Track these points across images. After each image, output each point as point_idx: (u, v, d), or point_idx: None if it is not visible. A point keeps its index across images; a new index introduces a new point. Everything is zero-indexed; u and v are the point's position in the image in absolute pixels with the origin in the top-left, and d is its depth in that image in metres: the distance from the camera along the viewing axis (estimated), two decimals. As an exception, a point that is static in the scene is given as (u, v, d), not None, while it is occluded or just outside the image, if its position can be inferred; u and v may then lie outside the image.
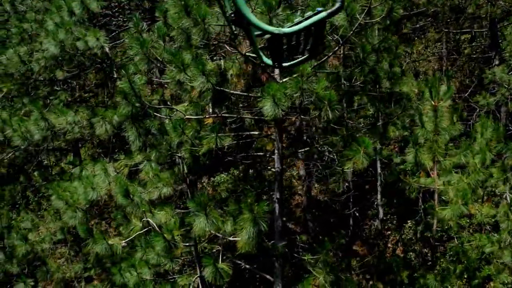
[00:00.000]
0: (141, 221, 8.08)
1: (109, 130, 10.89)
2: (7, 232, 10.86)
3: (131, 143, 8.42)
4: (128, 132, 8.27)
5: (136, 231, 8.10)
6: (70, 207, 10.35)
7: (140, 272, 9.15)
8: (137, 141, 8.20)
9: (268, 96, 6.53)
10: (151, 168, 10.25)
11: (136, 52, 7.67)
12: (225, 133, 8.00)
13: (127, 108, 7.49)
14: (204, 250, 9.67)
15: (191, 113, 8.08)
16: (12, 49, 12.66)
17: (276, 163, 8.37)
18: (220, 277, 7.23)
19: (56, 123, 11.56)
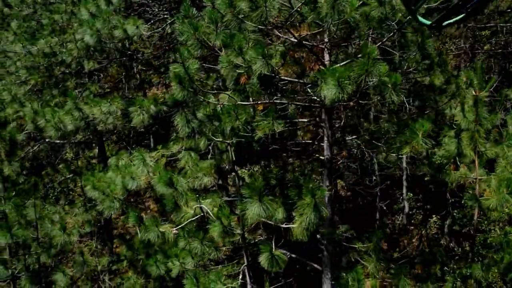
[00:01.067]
0: (192, 208, 7.86)
1: (145, 120, 10.72)
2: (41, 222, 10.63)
3: (179, 129, 8.18)
4: (177, 118, 8.04)
5: (187, 218, 7.88)
6: (108, 197, 10.17)
7: (183, 262, 8.94)
8: (185, 128, 7.97)
9: (333, 79, 6.33)
10: (190, 157, 10.09)
11: (188, 37, 7.46)
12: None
13: (182, 93, 7.27)
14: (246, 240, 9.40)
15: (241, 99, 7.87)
16: (43, 39, 12.47)
17: (325, 151, 8.16)
18: (277, 263, 7.03)
19: (90, 113, 11.37)
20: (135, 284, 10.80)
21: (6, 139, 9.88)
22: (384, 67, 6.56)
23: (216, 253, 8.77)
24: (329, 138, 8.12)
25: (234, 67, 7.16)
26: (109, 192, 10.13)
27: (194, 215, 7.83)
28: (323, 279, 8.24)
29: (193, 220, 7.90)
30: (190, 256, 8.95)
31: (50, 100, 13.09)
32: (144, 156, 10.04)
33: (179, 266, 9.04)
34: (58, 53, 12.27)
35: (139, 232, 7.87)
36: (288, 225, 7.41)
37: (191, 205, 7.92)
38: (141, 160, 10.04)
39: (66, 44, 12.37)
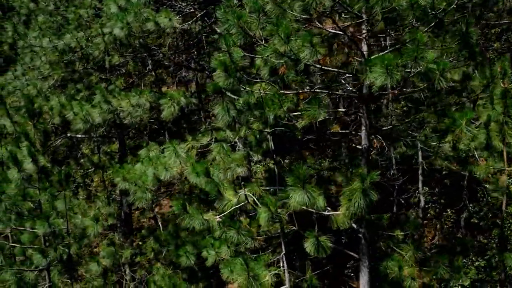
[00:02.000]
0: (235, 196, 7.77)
1: (175, 112, 10.64)
2: (70, 214, 10.52)
3: (219, 118, 8.09)
4: (218, 107, 7.95)
5: (230, 206, 7.79)
6: (140, 188, 10.09)
7: (219, 252, 8.86)
8: (226, 117, 7.88)
9: (381, 66, 6.28)
10: (222, 148, 10.01)
11: (230, 26, 7.39)
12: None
13: (227, 81, 7.19)
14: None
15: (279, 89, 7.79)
16: (69, 34, 12.36)
17: (363, 140, 8.10)
18: (322, 249, 6.96)
19: (118, 106, 11.29)
20: (164, 276, 10.68)
21: (40, 131, 9.78)
22: (431, 54, 6.51)
23: (253, 242, 8.70)
24: (367, 127, 8.06)
25: (279, 55, 7.09)
26: (141, 183, 10.07)
27: (238, 203, 7.74)
28: (360, 267, 8.17)
29: (236, 207, 7.81)
30: (226, 246, 8.89)
31: (75, 94, 12.99)
32: (176, 148, 9.97)
33: (215, 255, 8.96)
34: (84, 47, 12.16)
35: (185, 220, 7.76)
36: (331, 212, 7.35)
37: (233, 193, 7.83)
38: (173, 151, 9.97)
39: (92, 39, 12.28)
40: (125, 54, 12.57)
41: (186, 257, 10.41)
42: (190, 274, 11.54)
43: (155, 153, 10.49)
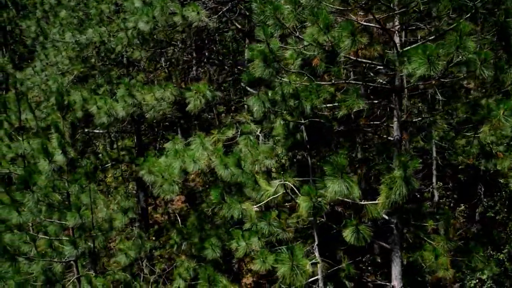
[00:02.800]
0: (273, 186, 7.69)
1: (201, 105, 10.56)
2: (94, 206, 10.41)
3: (254, 110, 8.02)
4: (252, 99, 7.88)
5: (268, 195, 7.71)
6: (167, 180, 10.00)
7: (249, 243, 8.77)
8: (262, 107, 7.81)
9: (422, 57, 6.21)
10: (250, 141, 9.94)
11: (267, 17, 7.32)
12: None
13: (267, 70, 7.10)
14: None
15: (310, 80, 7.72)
16: (91, 29, 12.26)
17: (395, 132, 8.04)
18: (363, 238, 6.88)
19: (142, 99, 11.19)
20: (189, 268, 10.60)
21: (69, 123, 9.68)
22: (472, 43, 6.45)
23: (284, 233, 8.63)
24: (399, 119, 8.00)
25: (317, 46, 7.01)
26: (168, 175, 9.98)
27: (275, 193, 7.66)
28: (392, 257, 8.10)
29: (274, 197, 7.72)
30: (257, 237, 8.81)
31: (96, 88, 12.90)
32: (203, 140, 9.89)
33: (245, 246, 8.88)
34: (107, 41, 12.06)
35: (223, 209, 7.67)
36: (368, 202, 7.28)
37: (268, 184, 7.75)
38: (200, 144, 9.90)
39: (114, 34, 12.18)
40: (148, 49, 12.45)
41: (212, 249, 10.33)
42: (214, 267, 11.44)
43: (180, 146, 10.42)
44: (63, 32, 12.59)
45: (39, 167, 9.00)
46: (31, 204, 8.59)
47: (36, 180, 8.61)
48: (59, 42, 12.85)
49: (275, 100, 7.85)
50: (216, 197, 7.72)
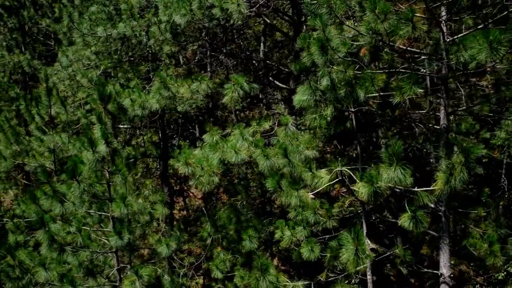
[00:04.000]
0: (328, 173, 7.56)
1: (236, 97, 10.41)
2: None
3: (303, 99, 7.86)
4: (302, 88, 7.74)
5: (324, 183, 7.57)
6: (206, 172, 9.85)
7: (295, 232, 8.64)
8: (313, 96, 7.67)
9: (483, 42, 6.12)
10: (289, 131, 9.81)
11: (319, 6, 7.21)
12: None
13: (323, 58, 6.98)
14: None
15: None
16: (123, 23, 12.10)
17: (441, 120, 7.94)
18: (420, 223, 6.77)
19: (177, 92, 11.03)
20: (225, 260, 10.45)
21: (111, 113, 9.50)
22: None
23: (330, 222, 8.50)
24: (446, 107, 7.90)
25: (374, 34, 6.90)
26: (207, 167, 9.83)
27: (331, 180, 7.53)
28: (440, 245, 7.99)
29: (330, 184, 7.59)
30: (302, 226, 8.69)
31: (126, 82, 12.74)
32: (243, 131, 9.76)
33: (290, 236, 8.75)
34: (139, 35, 11.90)
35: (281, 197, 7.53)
36: (422, 189, 7.16)
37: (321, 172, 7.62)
38: (240, 135, 9.76)
39: (145, 28, 12.04)
40: (179, 43, 12.30)
41: (249, 240, 10.20)
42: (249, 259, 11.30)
43: (218, 138, 10.28)
44: (93, 26, 12.42)
45: (82, 157, 8.84)
46: (77, 194, 8.43)
47: (81, 170, 8.44)
48: (88, 37, 12.67)
49: (325, 89, 7.72)
50: (273, 185, 7.57)
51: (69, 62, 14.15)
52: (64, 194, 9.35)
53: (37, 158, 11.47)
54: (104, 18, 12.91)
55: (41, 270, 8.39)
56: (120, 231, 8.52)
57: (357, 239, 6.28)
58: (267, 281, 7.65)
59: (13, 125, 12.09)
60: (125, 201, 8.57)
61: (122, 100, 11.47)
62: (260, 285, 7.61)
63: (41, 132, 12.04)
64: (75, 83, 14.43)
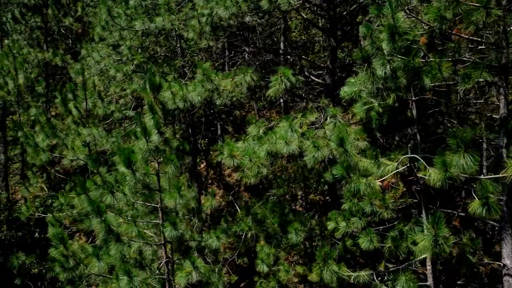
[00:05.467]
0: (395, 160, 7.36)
1: (281, 90, 10.23)
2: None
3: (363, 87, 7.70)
4: (363, 76, 7.56)
5: (390, 170, 7.37)
6: (254, 163, 9.65)
7: (350, 223, 8.44)
8: (375, 84, 7.50)
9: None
10: (338, 123, 9.64)
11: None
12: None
13: (392, 45, 6.81)
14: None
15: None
16: (161, 17, 11.90)
17: (501, 110, 7.79)
18: (494, 210, 6.59)
19: (221, 84, 10.83)
20: (269, 254, 10.23)
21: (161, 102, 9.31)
22: None
23: (388, 212, 8.31)
24: (506, 96, 7.75)
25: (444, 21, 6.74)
26: (256, 158, 9.63)
27: (397, 168, 7.33)
28: (503, 235, 7.80)
29: (397, 171, 7.39)
30: (358, 217, 8.49)
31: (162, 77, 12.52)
32: (291, 123, 9.57)
33: (345, 227, 8.55)
34: (178, 29, 11.71)
35: (349, 184, 7.33)
36: (490, 176, 6.98)
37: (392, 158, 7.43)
38: (289, 127, 9.57)
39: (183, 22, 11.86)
40: (218, 37, 12.12)
41: (295, 234, 10.01)
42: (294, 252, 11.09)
43: (264, 130, 10.11)
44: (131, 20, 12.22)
45: (134, 147, 8.62)
46: (132, 184, 8.20)
47: (136, 159, 8.22)
48: (125, 31, 12.47)
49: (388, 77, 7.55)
50: (341, 172, 7.38)
51: (100, 58, 13.95)
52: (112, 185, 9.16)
53: (77, 151, 11.22)
54: (140, 12, 12.74)
55: (94, 261, 8.15)
56: (175, 221, 8.29)
57: (437, 225, 6.07)
58: (330, 270, 7.45)
59: (49, 118, 11.84)
60: (180, 192, 8.34)
61: (163, 93, 11.26)
62: (324, 275, 7.40)
63: (77, 126, 11.80)
64: (106, 78, 14.23)
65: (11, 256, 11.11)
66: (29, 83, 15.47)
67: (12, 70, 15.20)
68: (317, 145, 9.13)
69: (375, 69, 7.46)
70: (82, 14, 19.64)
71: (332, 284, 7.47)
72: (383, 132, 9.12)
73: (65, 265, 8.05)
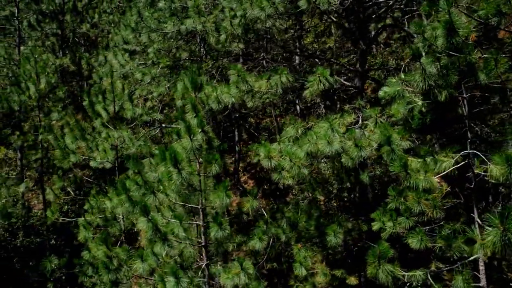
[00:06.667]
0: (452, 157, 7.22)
1: (317, 91, 10.11)
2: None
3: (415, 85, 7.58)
4: (415, 74, 7.45)
5: (448, 167, 7.22)
6: (295, 164, 9.49)
7: (397, 223, 8.25)
8: (427, 82, 7.39)
9: None
10: (380, 122, 9.52)
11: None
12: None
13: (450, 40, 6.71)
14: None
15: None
16: (191, 19, 11.79)
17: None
18: None
19: (255, 85, 10.70)
20: (306, 257, 9.99)
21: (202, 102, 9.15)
22: None
23: (437, 212, 8.14)
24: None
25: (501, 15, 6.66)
26: (296, 159, 9.46)
27: (456, 163, 7.18)
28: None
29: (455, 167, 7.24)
30: (405, 217, 8.31)
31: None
32: (332, 123, 9.43)
33: (392, 227, 8.36)
34: (209, 31, 11.59)
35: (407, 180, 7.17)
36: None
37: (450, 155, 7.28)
38: (330, 127, 9.43)
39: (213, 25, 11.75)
40: (249, 39, 12.02)
41: (334, 235, 9.80)
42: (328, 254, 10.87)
43: (302, 131, 9.96)
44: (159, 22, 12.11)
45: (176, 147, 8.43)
46: (178, 183, 8.00)
47: (181, 158, 8.03)
48: (153, 33, 12.35)
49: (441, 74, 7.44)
50: (398, 168, 7.22)
51: (125, 61, 13.81)
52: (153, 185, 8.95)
53: (108, 153, 11.01)
54: (167, 15, 12.64)
55: (138, 262, 7.90)
56: (221, 221, 8.08)
57: (506, 219, 5.90)
58: (385, 270, 7.26)
59: (78, 120, 11.65)
60: (226, 191, 8.15)
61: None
62: (379, 274, 7.20)
63: (105, 128, 11.61)
64: (128, 83, 14.07)
65: (43, 260, 10.78)
66: (49, 87, 15.27)
67: (33, 75, 15.01)
68: (359, 144, 9.00)
69: (426, 66, 7.36)
70: (98, 21, 19.56)
71: (388, 284, 7.27)
72: (426, 131, 8.99)
73: (109, 266, 7.79)
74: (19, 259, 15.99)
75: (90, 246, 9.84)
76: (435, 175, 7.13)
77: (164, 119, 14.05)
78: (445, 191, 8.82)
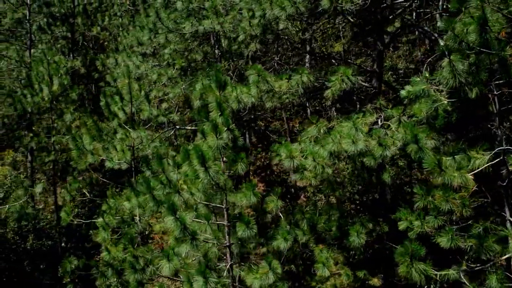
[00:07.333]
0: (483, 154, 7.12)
1: (338, 91, 10.03)
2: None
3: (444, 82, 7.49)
4: (444, 72, 7.37)
5: (483, 163, 7.12)
6: (319, 164, 9.39)
7: (425, 222, 8.14)
8: (456, 80, 7.31)
9: None
10: (403, 122, 9.43)
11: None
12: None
13: (485, 36, 6.66)
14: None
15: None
16: (209, 19, 11.73)
17: None
18: None
19: (275, 85, 10.60)
20: (329, 258, 9.86)
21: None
22: None
23: (466, 210, 8.03)
24: None
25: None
26: (320, 159, 9.36)
27: (488, 161, 7.09)
28: None
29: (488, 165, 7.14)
30: (433, 216, 8.20)
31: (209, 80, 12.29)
32: (356, 123, 9.34)
33: (420, 226, 8.25)
34: (228, 31, 11.53)
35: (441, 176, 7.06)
36: None
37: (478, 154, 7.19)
38: (353, 126, 9.34)
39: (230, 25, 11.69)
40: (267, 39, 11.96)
41: (357, 236, 9.67)
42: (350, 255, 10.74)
43: (324, 130, 9.86)
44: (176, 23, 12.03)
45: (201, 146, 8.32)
46: (206, 182, 7.88)
47: (208, 156, 7.91)
48: (171, 33, 12.26)
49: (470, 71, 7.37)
50: (432, 165, 7.12)
51: (140, 62, 13.73)
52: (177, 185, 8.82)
53: (126, 154, 10.89)
54: (184, 16, 12.57)
55: (164, 262, 7.76)
56: (249, 220, 7.96)
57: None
58: (418, 268, 7.14)
59: (96, 120, 11.54)
60: (254, 190, 8.04)
61: (212, 95, 11.00)
62: (412, 273, 7.08)
63: (122, 129, 11.50)
64: (143, 84, 13.97)
65: (63, 261, 10.62)
66: (62, 89, 15.18)
67: (46, 77, 14.91)
68: (384, 143, 8.91)
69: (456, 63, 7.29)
70: (108, 24, 19.50)
71: (421, 283, 7.15)
72: (450, 130, 8.91)
73: (136, 266, 7.65)
74: (30, 262, 15.82)
75: (110, 247, 9.72)
76: (468, 172, 7.03)
77: (178, 121, 13.96)
78: (472, 190, 8.72)
